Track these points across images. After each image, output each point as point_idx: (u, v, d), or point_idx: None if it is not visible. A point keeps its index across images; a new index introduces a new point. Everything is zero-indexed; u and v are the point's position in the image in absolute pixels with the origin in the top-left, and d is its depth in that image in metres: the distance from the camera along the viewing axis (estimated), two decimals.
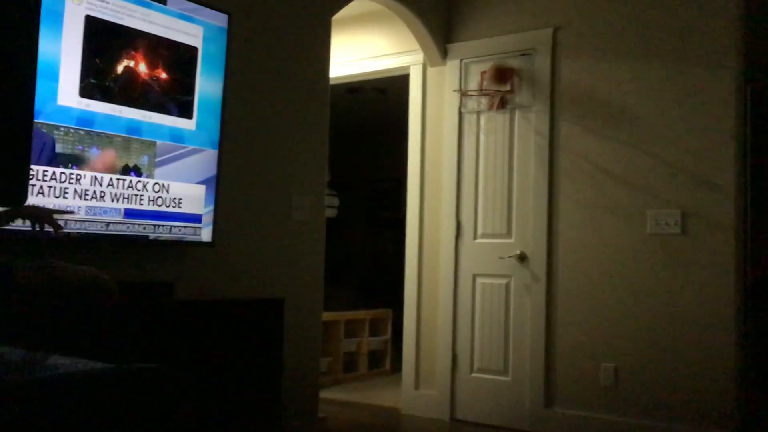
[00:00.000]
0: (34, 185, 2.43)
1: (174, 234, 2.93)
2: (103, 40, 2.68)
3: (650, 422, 3.85)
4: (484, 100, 4.55)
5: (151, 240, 2.85)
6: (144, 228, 2.82)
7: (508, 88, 4.45)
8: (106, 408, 0.99)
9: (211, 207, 3.08)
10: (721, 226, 3.76)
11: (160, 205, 2.87)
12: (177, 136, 2.95)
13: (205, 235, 3.06)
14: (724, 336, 3.71)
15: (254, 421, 2.80)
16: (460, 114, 4.65)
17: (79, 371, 1.00)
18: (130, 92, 2.78)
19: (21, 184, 1.14)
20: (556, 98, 4.30)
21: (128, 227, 2.76)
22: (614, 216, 4.06)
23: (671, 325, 3.85)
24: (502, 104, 4.48)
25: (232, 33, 3.16)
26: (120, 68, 2.74)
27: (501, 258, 4.40)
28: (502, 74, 4.44)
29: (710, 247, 3.78)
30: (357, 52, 5.11)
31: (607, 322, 4.03)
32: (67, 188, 2.55)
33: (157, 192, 2.86)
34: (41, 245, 2.03)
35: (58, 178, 2.52)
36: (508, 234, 4.42)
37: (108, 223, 2.70)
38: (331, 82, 4.17)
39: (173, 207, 2.92)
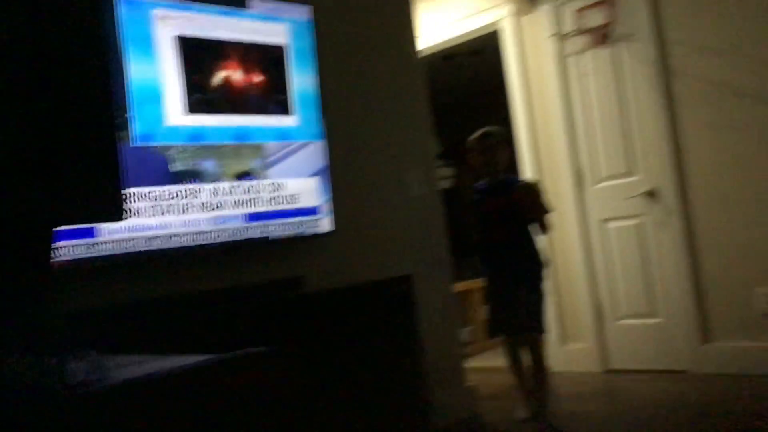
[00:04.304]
0: (157, 206, 2.56)
1: (294, 230, 3.00)
2: (198, 56, 2.78)
3: None
4: (584, 39, 4.37)
5: (273, 239, 2.94)
6: (266, 229, 2.90)
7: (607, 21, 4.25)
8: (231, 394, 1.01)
9: (327, 197, 3.13)
10: None
11: (278, 204, 2.95)
12: (282, 134, 3.02)
13: (325, 225, 3.11)
14: None
15: (399, 393, 2.83)
16: (562, 58, 4.48)
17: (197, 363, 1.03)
18: (231, 101, 2.86)
19: (116, 197, 1.13)
20: (661, 20, 4.05)
21: (251, 230, 2.86)
22: (746, 134, 3.79)
23: None
24: (604, 39, 4.28)
25: (317, 24, 3.19)
26: (218, 80, 2.83)
27: (628, 198, 4.22)
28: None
29: None
30: (445, 16, 5.04)
31: (755, 245, 3.78)
32: (189, 203, 2.67)
33: (273, 192, 2.94)
34: None
35: (176, 195, 2.65)
36: (631, 172, 4.23)
37: (231, 230, 2.80)
38: (425, 52, 4.13)
39: (290, 203, 2.99)
